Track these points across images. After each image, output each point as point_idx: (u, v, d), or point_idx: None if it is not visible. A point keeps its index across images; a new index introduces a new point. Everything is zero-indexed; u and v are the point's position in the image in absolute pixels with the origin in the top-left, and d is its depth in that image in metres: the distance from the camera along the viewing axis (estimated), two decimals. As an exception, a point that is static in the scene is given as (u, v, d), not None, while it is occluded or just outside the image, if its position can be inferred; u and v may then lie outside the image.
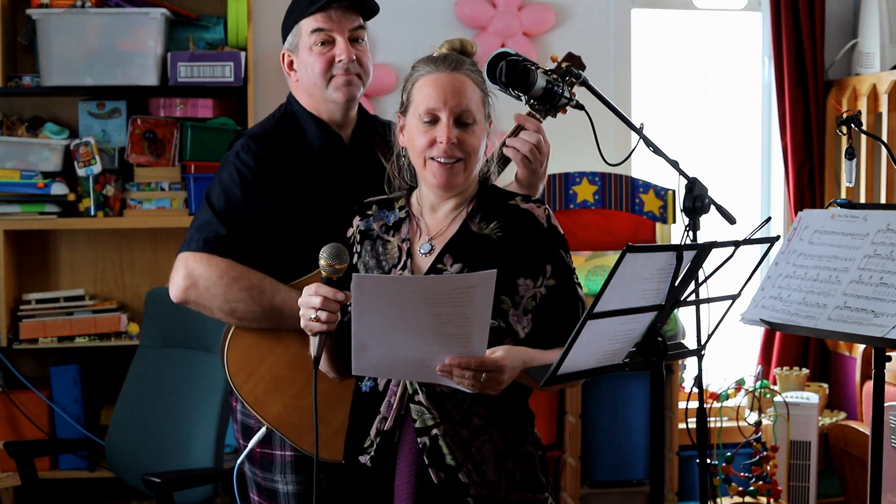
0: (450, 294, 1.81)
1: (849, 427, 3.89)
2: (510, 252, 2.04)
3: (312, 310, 1.91)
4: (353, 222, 2.15)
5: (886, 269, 2.32)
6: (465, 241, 2.06)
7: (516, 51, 2.31)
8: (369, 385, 2.05)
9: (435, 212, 2.10)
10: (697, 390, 2.35)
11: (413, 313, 1.82)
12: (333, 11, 2.39)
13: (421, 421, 1.99)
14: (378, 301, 1.81)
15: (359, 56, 2.40)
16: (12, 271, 3.75)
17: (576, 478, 3.79)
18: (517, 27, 4.10)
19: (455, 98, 2.01)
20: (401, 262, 2.06)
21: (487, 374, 1.88)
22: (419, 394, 1.99)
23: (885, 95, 3.95)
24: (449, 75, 2.03)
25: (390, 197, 2.17)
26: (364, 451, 2.04)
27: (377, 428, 2.02)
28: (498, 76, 2.28)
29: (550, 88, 2.32)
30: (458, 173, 2.03)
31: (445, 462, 1.98)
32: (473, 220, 2.08)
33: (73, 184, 3.73)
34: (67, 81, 3.68)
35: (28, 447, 3.36)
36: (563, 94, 2.36)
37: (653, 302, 2.08)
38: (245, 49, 3.79)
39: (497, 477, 2.01)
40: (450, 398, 2.00)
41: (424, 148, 2.02)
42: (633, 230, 4.06)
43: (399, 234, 2.09)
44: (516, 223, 2.07)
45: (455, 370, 1.86)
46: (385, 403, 2.02)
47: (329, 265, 1.94)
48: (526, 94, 2.31)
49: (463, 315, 1.83)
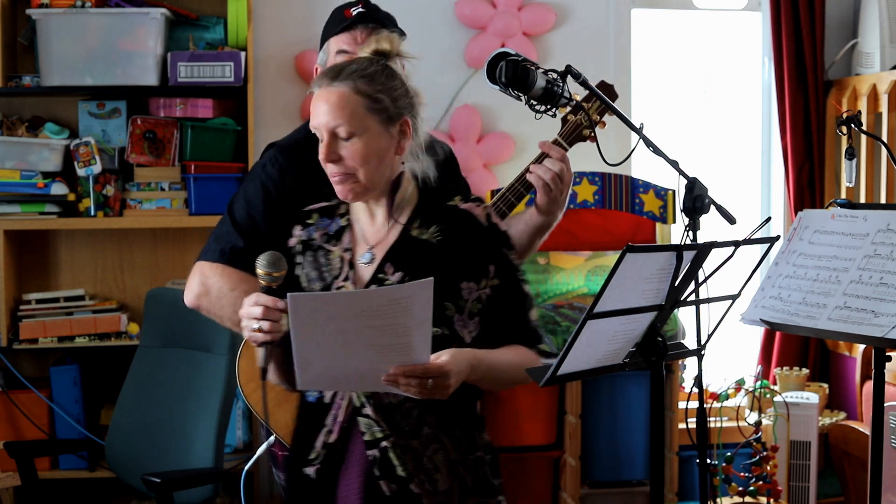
0: (386, 306, 1.79)
1: (849, 427, 3.89)
2: (451, 256, 2.00)
3: (254, 320, 1.88)
4: (294, 231, 2.11)
5: (886, 269, 2.32)
6: (406, 249, 2.02)
7: (516, 51, 2.31)
8: (315, 395, 2.03)
9: (373, 219, 2.07)
10: (697, 390, 2.34)
11: (351, 327, 1.81)
12: (359, 33, 2.48)
13: (370, 434, 1.97)
14: (315, 318, 1.79)
15: None
16: (12, 271, 3.76)
17: (576, 478, 3.79)
18: (517, 27, 4.10)
19: (326, 115, 1.97)
20: (342, 273, 2.03)
21: (434, 381, 1.86)
22: (366, 406, 1.97)
23: (885, 95, 3.95)
24: (324, 90, 1.98)
25: (331, 204, 2.12)
26: (309, 463, 2.00)
27: (323, 440, 2.00)
28: (498, 76, 2.28)
29: (550, 88, 2.32)
30: (354, 184, 1.99)
31: (396, 473, 1.95)
32: (412, 225, 2.04)
33: (73, 184, 3.73)
34: (67, 81, 3.68)
35: (28, 447, 3.36)
36: (563, 94, 2.35)
37: (653, 302, 2.08)
38: (245, 49, 3.79)
39: (450, 485, 1.99)
40: (398, 409, 1.97)
41: (323, 164, 2.00)
42: (633, 230, 4.06)
43: (341, 243, 2.06)
44: (456, 225, 2.04)
45: (400, 379, 1.85)
46: (331, 416, 1.99)
47: (267, 273, 1.91)
48: (526, 94, 2.31)
49: (402, 325, 1.81)
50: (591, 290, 3.98)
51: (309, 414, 2.04)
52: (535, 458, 3.88)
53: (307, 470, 2.01)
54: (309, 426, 2.03)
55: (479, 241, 2.03)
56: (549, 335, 3.68)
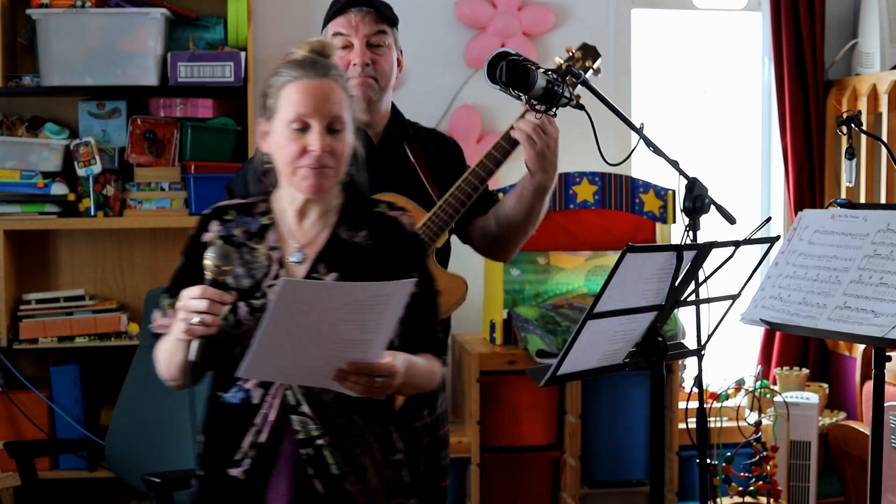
0: (367, 301, 1.81)
1: (849, 427, 3.89)
2: (380, 260, 2.03)
3: (195, 314, 1.86)
4: (210, 227, 2.08)
5: (886, 269, 2.32)
6: (338, 250, 2.04)
7: (516, 51, 2.31)
8: (240, 396, 1.99)
9: (302, 218, 2.06)
10: (697, 390, 2.34)
11: (328, 319, 1.81)
12: (353, 16, 2.54)
13: (305, 432, 1.96)
14: (297, 306, 1.79)
15: (374, 59, 2.53)
16: (12, 271, 3.75)
17: (576, 478, 3.79)
18: (517, 27, 4.10)
19: (326, 105, 1.98)
20: (271, 271, 2.02)
21: (382, 380, 1.89)
22: (303, 405, 1.97)
23: (885, 95, 3.95)
24: (319, 81, 1.99)
25: (248, 202, 2.11)
26: (235, 464, 1.98)
27: (251, 440, 1.97)
28: (498, 76, 2.28)
29: (550, 88, 2.33)
30: (329, 178, 2.00)
31: (331, 472, 1.96)
32: (342, 227, 2.06)
33: (73, 184, 3.73)
34: (67, 81, 3.68)
35: (28, 447, 3.35)
36: (564, 94, 2.36)
37: (653, 302, 2.08)
38: (245, 49, 3.79)
39: (378, 484, 2.01)
40: (332, 407, 1.98)
41: (295, 156, 1.98)
42: (633, 230, 4.06)
43: (265, 241, 2.05)
44: (384, 231, 2.07)
45: (351, 376, 1.86)
46: (261, 416, 1.97)
47: (216, 266, 1.89)
48: (526, 94, 2.31)
49: (374, 321, 1.83)
50: (591, 290, 3.98)
51: (230, 415, 2.00)
52: (535, 458, 3.88)
53: (233, 471, 1.98)
54: (232, 427, 1.99)
55: (405, 248, 2.07)
56: (549, 335, 3.68)
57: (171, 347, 1.97)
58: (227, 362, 1.96)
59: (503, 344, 3.84)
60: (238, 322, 1.94)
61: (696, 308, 2.30)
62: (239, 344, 1.95)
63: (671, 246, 2.05)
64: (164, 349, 2.03)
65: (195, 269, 2.01)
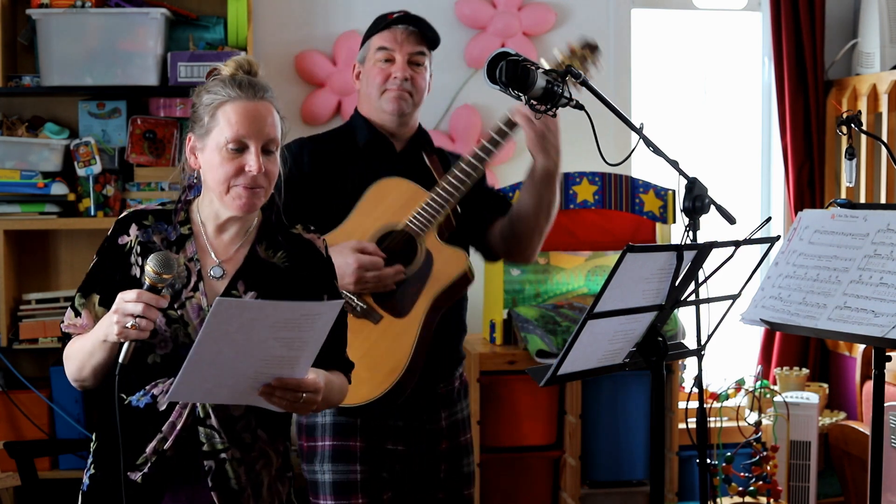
0: (297, 320, 1.83)
1: (849, 427, 3.89)
2: (296, 281, 2.07)
3: (130, 317, 1.86)
4: (130, 231, 2.08)
5: (886, 269, 2.32)
6: (256, 269, 2.06)
7: (516, 51, 2.31)
8: (145, 402, 1.99)
9: (221, 233, 2.08)
10: (697, 390, 2.34)
11: (259, 337, 1.82)
12: (399, 33, 2.67)
13: (209, 444, 1.97)
14: (231, 325, 1.80)
15: (413, 77, 2.67)
16: (12, 271, 3.75)
17: (576, 478, 3.79)
18: (517, 27, 4.10)
19: (263, 127, 2.00)
20: (191, 282, 2.03)
21: (307, 396, 1.92)
22: (211, 417, 1.98)
23: (885, 95, 3.95)
24: (256, 103, 2.01)
25: (165, 209, 2.12)
26: (135, 468, 1.97)
27: (155, 447, 1.97)
28: (498, 76, 2.28)
29: (550, 88, 2.32)
30: (260, 198, 2.02)
31: (230, 486, 1.98)
32: (260, 245, 2.09)
33: (73, 184, 3.73)
34: (67, 81, 3.68)
35: (28, 447, 3.36)
36: (564, 94, 2.36)
37: (653, 302, 2.08)
38: (245, 49, 3.79)
39: (271, 498, 2.05)
40: (239, 421, 2.00)
41: (230, 175, 1.99)
42: (633, 230, 4.06)
43: (184, 251, 2.06)
44: (300, 252, 2.11)
45: (277, 392, 1.89)
46: (168, 424, 1.97)
47: (157, 274, 1.89)
48: (526, 94, 2.31)
49: (301, 339, 1.86)
50: (591, 290, 3.98)
51: (135, 419, 1.98)
52: (535, 458, 3.88)
53: (133, 475, 1.98)
54: (135, 431, 1.98)
55: (319, 270, 2.13)
56: (549, 335, 3.68)
57: (90, 348, 1.97)
58: (136, 368, 1.97)
59: (503, 344, 3.84)
60: (154, 331, 1.93)
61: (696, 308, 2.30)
62: (152, 352, 1.97)
63: (671, 246, 2.05)
64: (80, 349, 2.01)
65: (109, 270, 2.04)
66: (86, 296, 2.07)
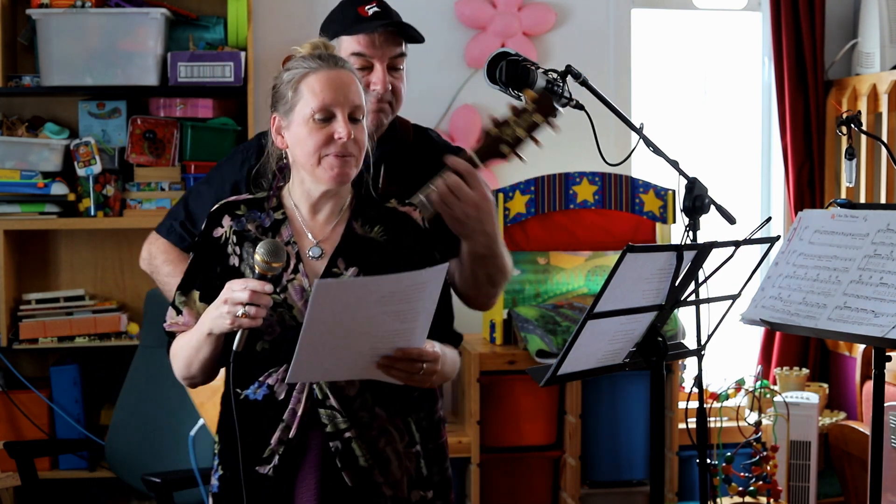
0: (403, 291, 1.81)
1: (849, 427, 3.89)
2: (397, 254, 2.04)
3: (240, 305, 1.86)
4: (223, 222, 2.06)
5: (886, 269, 2.32)
6: (354, 245, 2.04)
7: (516, 51, 2.31)
8: (262, 393, 1.98)
9: (315, 214, 2.06)
10: (697, 390, 2.35)
11: (367, 314, 1.81)
12: (378, 36, 2.31)
13: (332, 425, 1.96)
14: (335, 306, 1.79)
15: (394, 84, 2.33)
16: (12, 271, 3.76)
17: (576, 478, 3.79)
18: (517, 27, 4.10)
19: (348, 94, 1.99)
20: (290, 265, 2.01)
21: (427, 366, 1.91)
22: (329, 398, 1.96)
23: (885, 95, 3.95)
24: (338, 71, 2.00)
25: (257, 197, 2.10)
26: (263, 462, 1.97)
27: (279, 436, 1.96)
28: (498, 76, 2.28)
29: (550, 88, 2.32)
30: (351, 167, 2.00)
31: (359, 464, 1.97)
32: (356, 222, 2.06)
33: (73, 184, 3.73)
34: (67, 81, 3.68)
35: (28, 447, 3.36)
36: (563, 94, 2.35)
37: (653, 302, 2.08)
38: (245, 49, 3.79)
39: (401, 476, 2.02)
40: (355, 400, 1.98)
41: (320, 145, 1.97)
42: (633, 230, 4.06)
43: (280, 236, 2.04)
44: (397, 225, 2.08)
45: (398, 364, 1.87)
46: (289, 411, 1.96)
47: (265, 262, 1.89)
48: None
49: (413, 311, 1.84)
50: (591, 290, 3.98)
51: (254, 412, 1.99)
52: (535, 458, 3.88)
53: (262, 469, 1.97)
54: (258, 424, 1.98)
55: (419, 242, 2.08)
56: (549, 335, 3.68)
57: (196, 343, 1.97)
58: (247, 358, 1.96)
59: (503, 344, 3.84)
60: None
61: (696, 308, 2.31)
62: (259, 339, 1.96)
63: (671, 246, 2.05)
64: (185, 345, 2.01)
65: (206, 265, 2.03)
66: (186, 293, 2.05)
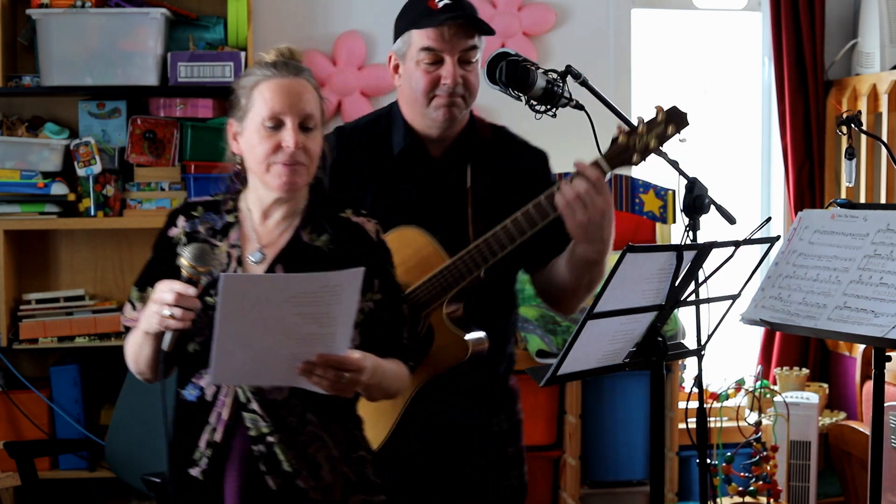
0: (317, 293, 1.81)
1: (849, 427, 3.89)
2: (341, 265, 1.98)
3: (166, 306, 1.87)
4: (178, 222, 2.09)
5: (886, 269, 2.32)
6: (297, 252, 2.04)
7: (516, 51, 2.31)
8: (195, 394, 2.00)
9: (266, 219, 2.07)
10: (697, 390, 2.35)
11: (279, 313, 1.81)
12: (447, 30, 2.26)
13: (255, 429, 1.97)
14: (245, 302, 1.79)
15: (466, 78, 2.30)
16: (12, 271, 3.75)
17: (576, 478, 3.79)
18: (517, 27, 4.11)
19: (299, 103, 2.00)
20: (229, 268, 2.03)
21: (350, 375, 1.90)
22: (252, 402, 1.97)
23: (885, 95, 3.95)
24: (291, 80, 2.01)
25: (216, 199, 2.12)
26: (194, 464, 1.99)
27: (207, 439, 1.98)
28: (498, 76, 2.28)
29: (550, 88, 2.33)
30: (301, 176, 2.01)
31: (282, 468, 1.97)
32: (305, 229, 2.06)
33: (73, 184, 3.73)
34: (67, 81, 3.68)
35: (28, 447, 3.36)
36: (563, 94, 2.35)
37: (653, 302, 2.08)
38: (245, 49, 3.79)
39: (333, 480, 2.01)
40: (283, 405, 1.98)
41: (269, 153, 1.99)
42: (633, 230, 4.06)
43: (227, 239, 2.06)
44: (347, 236, 2.08)
45: (317, 370, 1.86)
46: (214, 414, 1.98)
47: (192, 266, 1.89)
48: (526, 95, 2.31)
49: (329, 314, 1.83)
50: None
51: (188, 413, 2.01)
52: (535, 458, 3.87)
53: (192, 471, 1.98)
54: (190, 425, 2.00)
55: (368, 254, 2.07)
56: (549, 335, 3.68)
57: (140, 340, 1.98)
58: (182, 358, 1.98)
59: (503, 344, 3.84)
60: (192, 319, 1.92)
61: (696, 308, 2.30)
62: (191, 340, 1.97)
63: (671, 246, 2.05)
64: (133, 342, 2.03)
65: (163, 264, 2.04)
66: (142, 289, 2.07)
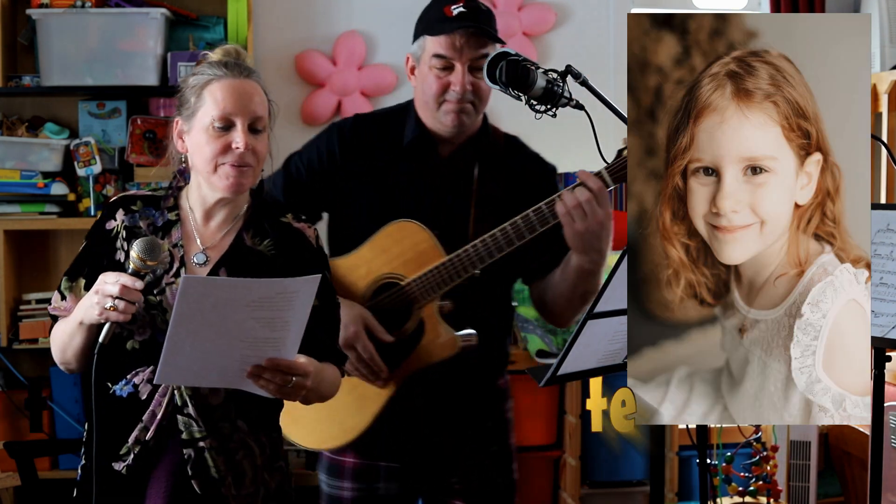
0: (275, 298, 1.82)
1: (849, 427, 3.89)
2: (282, 270, 2.02)
3: (110, 298, 1.86)
4: (116, 215, 2.07)
5: (886, 269, 2.32)
6: (240, 256, 2.05)
7: (516, 51, 2.31)
8: (128, 391, 1.99)
9: (208, 220, 2.07)
10: (697, 390, 2.34)
11: (236, 317, 1.81)
12: (458, 38, 2.36)
13: (188, 433, 1.97)
14: (204, 303, 1.79)
15: (476, 85, 2.39)
16: (12, 271, 3.76)
17: (576, 478, 3.79)
18: (517, 27, 4.10)
19: (250, 104, 2.00)
20: (173, 268, 2.02)
21: (296, 380, 1.91)
22: (188, 406, 1.97)
23: (884, 95, 3.95)
24: (242, 81, 2.02)
25: (155, 195, 2.12)
26: (119, 458, 1.98)
27: (137, 436, 1.97)
28: (498, 76, 2.28)
29: (550, 88, 2.32)
30: (248, 178, 2.01)
31: (210, 474, 1.97)
32: (247, 233, 2.07)
33: (73, 184, 3.73)
34: (67, 81, 3.68)
35: (28, 447, 3.36)
36: (563, 94, 2.36)
37: (653, 302, 2.08)
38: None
39: (254, 490, 2.02)
40: (217, 410, 1.99)
41: (217, 153, 1.99)
42: (633, 230, 4.06)
43: (170, 237, 2.05)
44: (289, 241, 2.09)
45: (267, 373, 1.87)
46: (148, 413, 1.98)
47: (141, 259, 1.90)
48: (526, 94, 2.31)
49: (283, 319, 1.84)
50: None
51: (118, 408, 2.00)
52: (535, 458, 3.88)
53: (116, 465, 1.98)
54: (118, 420, 1.99)
55: (308, 260, 2.09)
56: (549, 335, 3.68)
57: (71, 331, 1.98)
58: (117, 355, 1.98)
59: (503, 344, 3.84)
60: (133, 316, 1.92)
61: (696, 308, 2.30)
62: (131, 338, 1.97)
63: (671, 246, 2.04)
64: (63, 332, 2.02)
65: (96, 255, 2.04)
66: (72, 280, 2.06)
